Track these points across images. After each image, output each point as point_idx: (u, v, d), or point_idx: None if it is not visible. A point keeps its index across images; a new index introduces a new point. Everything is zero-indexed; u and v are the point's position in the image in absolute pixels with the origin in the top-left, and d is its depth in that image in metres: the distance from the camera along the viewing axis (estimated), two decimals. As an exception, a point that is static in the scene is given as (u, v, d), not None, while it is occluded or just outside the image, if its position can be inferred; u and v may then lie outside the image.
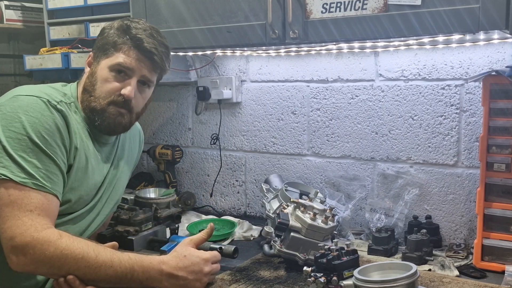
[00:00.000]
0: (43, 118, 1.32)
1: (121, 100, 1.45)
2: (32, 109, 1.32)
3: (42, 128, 1.31)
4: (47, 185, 1.29)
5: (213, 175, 2.40)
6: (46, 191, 1.29)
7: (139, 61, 1.44)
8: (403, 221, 1.87)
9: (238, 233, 2.01)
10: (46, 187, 1.29)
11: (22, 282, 1.42)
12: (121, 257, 1.29)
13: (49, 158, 1.31)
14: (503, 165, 1.56)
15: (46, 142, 1.31)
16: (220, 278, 1.59)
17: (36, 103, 1.33)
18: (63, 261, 1.23)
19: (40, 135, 1.30)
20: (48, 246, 1.22)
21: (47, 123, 1.32)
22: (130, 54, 1.43)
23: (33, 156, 1.28)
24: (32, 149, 1.29)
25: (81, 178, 1.44)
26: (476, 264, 1.62)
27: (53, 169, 1.32)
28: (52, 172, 1.31)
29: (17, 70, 2.79)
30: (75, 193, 1.43)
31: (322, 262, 1.35)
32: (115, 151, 1.60)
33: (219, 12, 1.71)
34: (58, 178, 1.33)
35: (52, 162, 1.31)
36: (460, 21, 1.33)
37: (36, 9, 2.57)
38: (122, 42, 1.43)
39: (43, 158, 1.30)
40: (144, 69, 1.46)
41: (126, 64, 1.43)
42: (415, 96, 1.87)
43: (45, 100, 1.35)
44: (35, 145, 1.29)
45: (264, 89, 2.21)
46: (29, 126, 1.29)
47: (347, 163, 2.04)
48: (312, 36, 1.56)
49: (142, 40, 1.44)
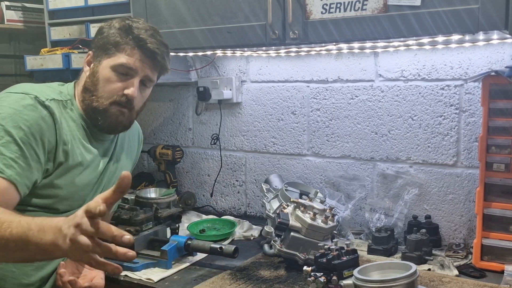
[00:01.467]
0: (25, 110, 1.33)
1: (123, 100, 1.46)
2: (16, 103, 1.34)
3: (20, 120, 1.32)
4: (7, 171, 1.28)
5: (213, 175, 2.41)
6: (4, 177, 1.27)
7: (142, 61, 1.45)
8: (402, 221, 1.87)
9: (238, 233, 2.01)
10: (5, 173, 1.27)
11: (24, 279, 1.43)
12: (20, 216, 1.16)
13: (19, 148, 1.30)
14: (503, 165, 1.57)
15: (22, 132, 1.31)
16: (220, 278, 1.59)
17: (22, 99, 1.35)
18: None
19: (17, 125, 1.31)
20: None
21: (28, 115, 1.33)
22: (133, 54, 1.44)
23: (3, 144, 1.29)
24: (3, 137, 1.29)
25: (73, 175, 1.45)
26: (476, 264, 1.63)
27: (20, 160, 1.30)
28: (18, 162, 1.30)
29: (18, 70, 2.80)
30: (67, 189, 1.44)
31: (322, 261, 1.35)
32: (114, 148, 1.61)
33: (220, 13, 1.72)
34: (24, 169, 1.31)
35: (21, 152, 1.31)
36: (459, 21, 1.33)
37: (36, 9, 2.58)
38: (124, 42, 1.44)
39: (11, 147, 1.29)
40: (147, 69, 1.47)
41: (129, 65, 1.44)
42: (415, 96, 1.88)
43: (32, 96, 1.37)
44: (7, 134, 1.30)
45: (264, 90, 2.22)
46: (7, 117, 1.31)
47: (347, 163, 2.05)
48: (312, 36, 1.56)
49: (145, 41, 1.44)
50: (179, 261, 1.71)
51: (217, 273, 1.63)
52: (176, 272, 1.65)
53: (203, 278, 1.59)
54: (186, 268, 1.68)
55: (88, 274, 1.48)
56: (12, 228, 1.09)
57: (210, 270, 1.67)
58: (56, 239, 1.05)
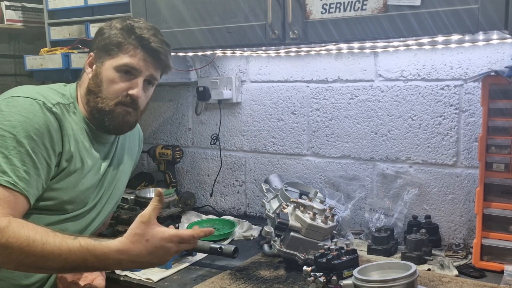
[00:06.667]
0: (35, 118, 1.32)
1: (128, 100, 1.45)
2: (26, 109, 1.32)
3: (31, 128, 1.31)
4: (20, 184, 1.27)
5: (213, 175, 2.41)
6: (17, 190, 1.26)
7: (145, 61, 1.45)
8: (402, 221, 1.87)
9: (238, 233, 2.01)
10: (18, 187, 1.27)
11: (22, 280, 1.42)
12: (71, 245, 1.21)
13: (30, 159, 1.29)
14: (502, 165, 1.57)
15: (33, 142, 1.30)
16: (220, 278, 1.59)
17: (31, 105, 1.34)
18: (10, 250, 1.17)
19: (29, 135, 1.30)
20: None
21: (38, 124, 1.32)
22: (136, 54, 1.44)
23: (15, 154, 1.27)
24: (16, 147, 1.28)
25: (75, 179, 1.44)
26: (475, 264, 1.63)
27: (31, 170, 1.30)
28: (30, 173, 1.29)
29: (17, 70, 2.80)
30: (69, 193, 1.43)
31: (321, 261, 1.35)
32: (114, 151, 1.61)
33: (219, 13, 1.72)
34: (34, 180, 1.31)
35: (33, 163, 1.30)
36: (459, 21, 1.33)
37: (36, 9, 2.57)
38: (127, 43, 1.43)
39: (24, 158, 1.28)
40: (151, 69, 1.47)
41: (133, 64, 1.44)
42: (415, 96, 1.88)
43: (40, 102, 1.35)
44: (19, 144, 1.28)
45: (264, 90, 2.22)
46: (18, 125, 1.29)
47: (347, 163, 2.05)
48: (312, 36, 1.56)
49: (148, 40, 1.44)
50: (179, 261, 1.72)
51: (216, 273, 1.63)
52: (175, 272, 1.65)
53: (202, 278, 1.59)
54: (185, 268, 1.69)
55: (89, 275, 1.48)
56: (64, 256, 1.21)
57: (209, 270, 1.67)
58: (120, 266, 1.32)
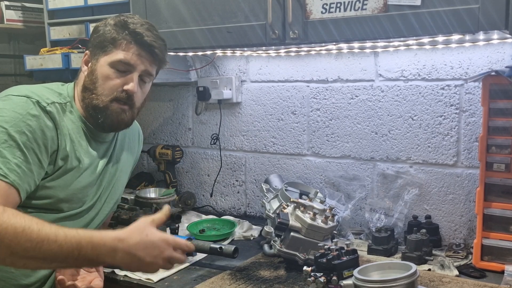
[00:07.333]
0: (28, 116, 1.33)
1: (124, 96, 1.45)
2: (19, 107, 1.33)
3: (23, 125, 1.31)
4: (10, 176, 1.27)
5: (213, 175, 2.41)
6: (7, 181, 1.27)
7: (139, 56, 1.45)
8: (402, 221, 1.87)
9: (238, 233, 2.01)
10: (8, 178, 1.27)
11: (22, 280, 1.42)
12: (68, 232, 1.19)
13: (22, 153, 1.30)
14: (503, 165, 1.56)
15: (25, 138, 1.31)
16: (220, 278, 1.59)
17: (25, 103, 1.35)
18: (2, 235, 1.13)
19: (21, 130, 1.30)
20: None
21: (31, 120, 1.33)
22: (130, 49, 1.44)
23: (6, 147, 1.28)
24: (7, 140, 1.28)
25: (71, 177, 1.44)
26: (476, 264, 1.63)
27: (23, 164, 1.30)
28: (21, 167, 1.29)
29: (17, 70, 2.80)
30: (65, 191, 1.43)
31: (322, 261, 1.35)
32: (113, 149, 1.61)
33: (219, 13, 1.71)
34: (25, 174, 1.31)
35: (24, 157, 1.30)
36: (459, 21, 1.33)
37: (36, 9, 2.57)
38: (121, 38, 1.43)
39: (15, 152, 1.29)
40: (146, 63, 1.47)
41: (127, 60, 1.44)
42: (415, 96, 1.88)
43: (34, 101, 1.36)
44: (11, 138, 1.29)
45: (264, 89, 2.21)
46: (11, 121, 1.30)
47: (347, 163, 2.05)
48: (312, 36, 1.56)
49: (141, 34, 1.44)
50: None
51: (217, 273, 1.63)
52: (175, 272, 1.65)
53: (202, 278, 1.59)
54: (185, 268, 1.68)
55: (87, 276, 1.48)
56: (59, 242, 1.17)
57: (210, 270, 1.67)
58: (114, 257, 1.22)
